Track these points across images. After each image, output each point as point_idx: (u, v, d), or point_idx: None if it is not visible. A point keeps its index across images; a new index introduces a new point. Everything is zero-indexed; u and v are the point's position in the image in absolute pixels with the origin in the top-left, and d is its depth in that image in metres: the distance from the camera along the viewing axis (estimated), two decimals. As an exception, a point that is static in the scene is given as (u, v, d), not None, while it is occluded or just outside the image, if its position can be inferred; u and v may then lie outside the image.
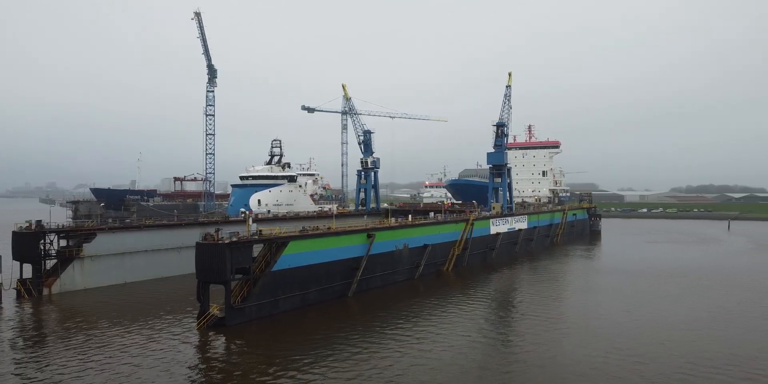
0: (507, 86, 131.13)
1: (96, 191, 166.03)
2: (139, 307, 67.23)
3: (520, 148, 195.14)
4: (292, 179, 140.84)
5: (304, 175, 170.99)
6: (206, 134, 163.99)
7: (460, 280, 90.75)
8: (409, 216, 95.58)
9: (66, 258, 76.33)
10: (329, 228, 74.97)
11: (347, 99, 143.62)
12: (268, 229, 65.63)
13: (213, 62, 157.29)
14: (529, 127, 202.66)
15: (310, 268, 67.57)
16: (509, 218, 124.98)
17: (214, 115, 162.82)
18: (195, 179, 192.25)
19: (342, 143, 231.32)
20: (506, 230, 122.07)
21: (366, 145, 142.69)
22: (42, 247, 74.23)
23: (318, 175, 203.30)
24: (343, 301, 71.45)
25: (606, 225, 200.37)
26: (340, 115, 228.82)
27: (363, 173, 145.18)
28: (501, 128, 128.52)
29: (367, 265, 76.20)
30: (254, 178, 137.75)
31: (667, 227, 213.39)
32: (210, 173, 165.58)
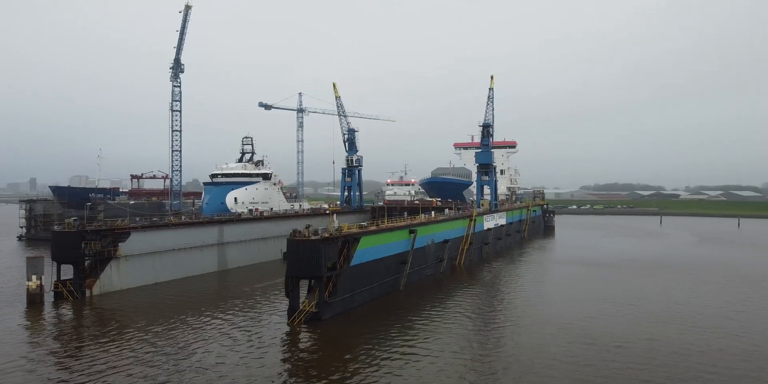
0: (490, 88, 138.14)
1: (56, 189, 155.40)
2: (203, 305, 65.68)
3: (477, 148, 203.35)
4: (266, 177, 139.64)
5: None
6: (172, 130, 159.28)
7: (473, 273, 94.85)
8: (432, 213, 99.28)
9: (104, 258, 73.08)
10: (379, 224, 77.21)
11: (337, 98, 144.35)
12: (345, 226, 66.90)
13: (180, 56, 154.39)
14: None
15: (375, 262, 69.81)
16: (495, 215, 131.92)
17: (180, 111, 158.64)
18: (155, 177, 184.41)
19: (297, 141, 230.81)
20: (494, 226, 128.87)
21: (350, 143, 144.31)
22: (83, 247, 70.68)
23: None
24: (396, 295, 73.87)
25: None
26: (295, 112, 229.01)
27: (347, 171, 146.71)
28: (487, 128, 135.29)
29: (411, 259, 79.33)
30: (227, 175, 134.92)
31: (605, 223, 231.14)
32: (176, 171, 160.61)
